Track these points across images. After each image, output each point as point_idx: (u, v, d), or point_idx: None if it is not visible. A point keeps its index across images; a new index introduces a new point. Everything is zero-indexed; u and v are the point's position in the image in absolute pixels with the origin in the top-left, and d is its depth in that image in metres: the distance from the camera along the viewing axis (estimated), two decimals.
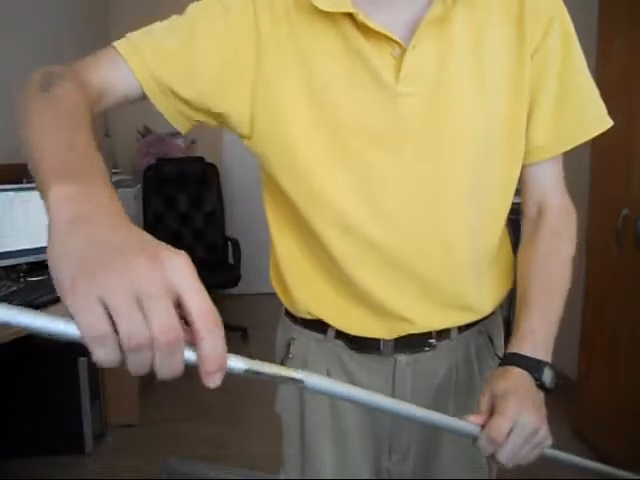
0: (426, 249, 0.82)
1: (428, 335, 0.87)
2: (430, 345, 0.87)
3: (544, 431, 0.70)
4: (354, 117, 0.78)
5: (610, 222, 2.18)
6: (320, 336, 0.91)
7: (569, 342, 2.62)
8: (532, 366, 0.74)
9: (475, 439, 0.69)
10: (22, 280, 2.28)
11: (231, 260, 3.91)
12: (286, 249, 0.91)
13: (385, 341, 0.87)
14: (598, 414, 2.28)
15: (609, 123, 0.84)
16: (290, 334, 0.96)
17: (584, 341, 2.37)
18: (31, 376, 2.22)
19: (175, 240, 3.92)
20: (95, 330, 0.39)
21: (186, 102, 0.79)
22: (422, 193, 0.80)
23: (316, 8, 0.73)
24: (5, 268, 2.30)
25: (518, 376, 0.73)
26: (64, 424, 2.26)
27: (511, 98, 0.79)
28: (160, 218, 3.93)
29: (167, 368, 0.42)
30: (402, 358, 0.88)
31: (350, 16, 0.74)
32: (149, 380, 2.91)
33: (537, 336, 0.78)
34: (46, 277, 2.31)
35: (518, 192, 0.90)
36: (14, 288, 2.12)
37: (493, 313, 0.93)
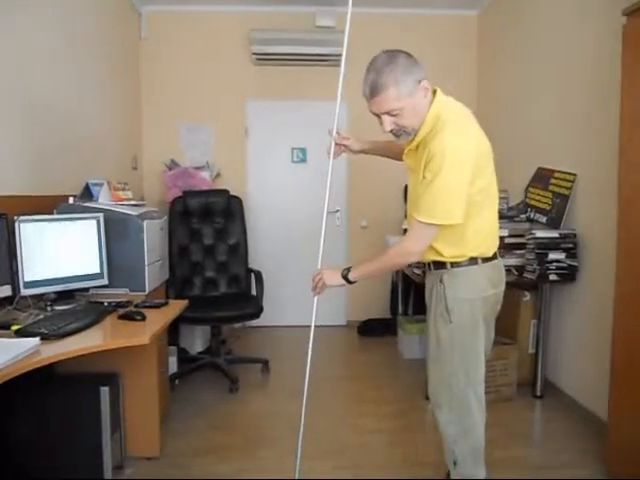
0: None
1: (428, 264, 1.92)
2: (430, 269, 1.92)
3: (324, 277, 1.91)
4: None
5: (639, 261, 2.14)
6: None
7: (599, 384, 2.54)
8: (344, 269, 1.88)
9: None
10: (49, 309, 2.32)
11: (254, 292, 3.93)
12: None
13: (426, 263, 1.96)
14: (630, 454, 2.22)
15: (451, 220, 1.68)
16: None
17: (614, 382, 2.30)
18: (52, 406, 2.23)
19: (199, 271, 3.98)
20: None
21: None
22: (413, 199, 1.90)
23: None
24: (33, 297, 2.35)
25: (335, 268, 1.93)
26: (83, 454, 2.25)
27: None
28: (185, 249, 3.98)
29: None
30: (429, 274, 1.96)
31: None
32: (168, 413, 2.90)
33: (354, 267, 1.87)
34: (73, 306, 2.35)
35: None
36: (41, 316, 2.16)
37: (449, 268, 1.83)
